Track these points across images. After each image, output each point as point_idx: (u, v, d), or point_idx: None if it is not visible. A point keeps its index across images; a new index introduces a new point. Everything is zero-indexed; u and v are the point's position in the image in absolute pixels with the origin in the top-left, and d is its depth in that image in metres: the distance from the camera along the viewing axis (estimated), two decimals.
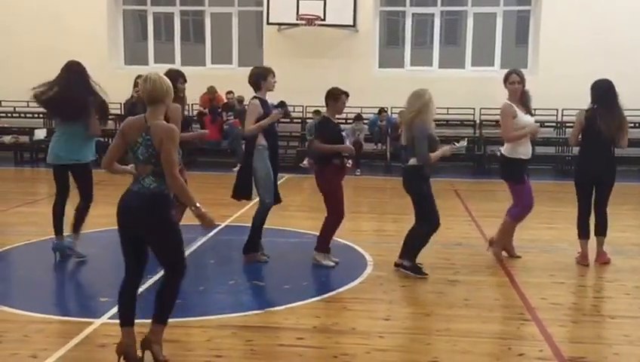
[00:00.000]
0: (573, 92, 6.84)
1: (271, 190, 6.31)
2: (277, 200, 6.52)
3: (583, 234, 6.51)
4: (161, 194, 3.86)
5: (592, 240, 6.54)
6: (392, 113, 14.93)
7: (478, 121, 14.84)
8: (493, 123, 14.58)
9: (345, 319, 4.92)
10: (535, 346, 4.42)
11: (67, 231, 6.47)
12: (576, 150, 10.22)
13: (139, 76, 8.37)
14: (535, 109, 6.86)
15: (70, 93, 6.16)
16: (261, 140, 6.23)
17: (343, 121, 13.27)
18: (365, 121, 14.60)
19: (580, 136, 6.48)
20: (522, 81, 6.43)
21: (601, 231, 6.49)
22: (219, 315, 4.91)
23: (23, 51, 15.39)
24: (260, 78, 6.28)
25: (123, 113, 8.73)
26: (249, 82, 6.36)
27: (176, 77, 6.29)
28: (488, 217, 8.88)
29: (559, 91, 13.65)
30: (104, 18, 15.91)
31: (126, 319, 3.99)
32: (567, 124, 13.96)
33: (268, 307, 5.16)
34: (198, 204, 3.83)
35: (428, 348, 4.35)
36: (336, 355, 4.20)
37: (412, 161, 5.92)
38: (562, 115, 14.59)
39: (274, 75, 6.36)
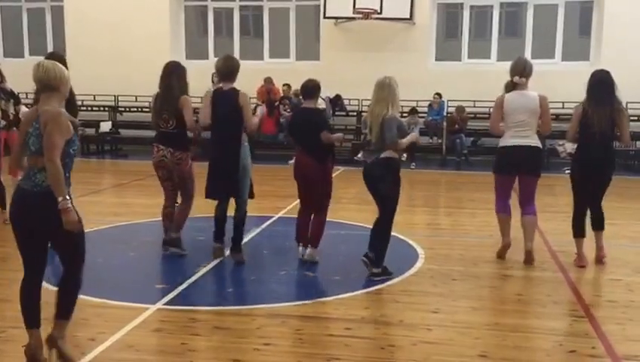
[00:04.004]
0: (637, 85, 6.62)
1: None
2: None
3: (578, 232, 6.23)
4: None
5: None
6: (447, 106, 14.80)
7: None
8: (554, 116, 14.26)
9: (393, 311, 4.94)
10: (588, 343, 4.33)
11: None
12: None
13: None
14: None
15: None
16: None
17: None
18: (421, 115, 14.50)
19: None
20: None
21: (599, 225, 6.21)
22: (269, 304, 5.00)
23: (88, 46, 15.90)
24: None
25: None
26: (233, 73, 5.99)
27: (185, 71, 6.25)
28: (544, 212, 8.67)
29: (622, 84, 13.18)
30: (166, 14, 16.28)
31: (31, 320, 3.80)
32: (631, 118, 13.48)
33: (318, 297, 5.22)
34: (67, 197, 3.59)
35: (476, 342, 4.32)
36: (383, 346, 4.23)
37: (388, 154, 5.61)
38: (626, 109, 14.11)
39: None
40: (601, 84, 6.06)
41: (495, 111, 6.25)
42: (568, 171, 6.42)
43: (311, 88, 6.14)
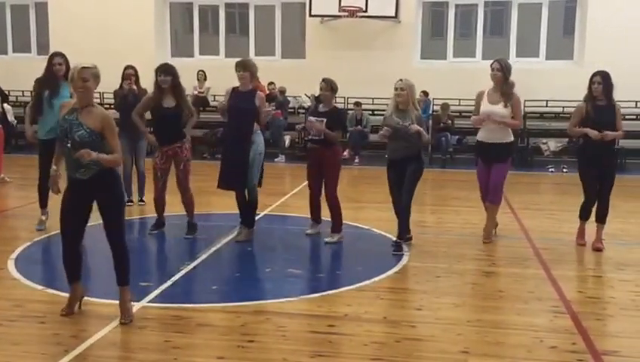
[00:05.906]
0: (619, 84, 6.72)
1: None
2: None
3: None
4: None
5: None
6: (433, 104, 14.86)
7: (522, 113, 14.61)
8: (538, 115, 14.38)
9: (377, 308, 4.96)
10: (568, 339, 4.38)
11: None
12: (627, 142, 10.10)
13: (128, 67, 8.55)
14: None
15: None
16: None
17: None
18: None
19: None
20: (502, 69, 6.58)
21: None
22: (254, 301, 5.01)
23: (73, 43, 15.78)
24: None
25: (114, 104, 8.80)
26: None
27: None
28: (528, 209, 8.79)
29: None
30: (151, 12, 16.18)
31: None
32: None
33: (302, 294, 5.23)
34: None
35: (458, 338, 4.36)
36: (367, 343, 4.24)
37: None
38: None
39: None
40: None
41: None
42: (552, 170, 6.57)
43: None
